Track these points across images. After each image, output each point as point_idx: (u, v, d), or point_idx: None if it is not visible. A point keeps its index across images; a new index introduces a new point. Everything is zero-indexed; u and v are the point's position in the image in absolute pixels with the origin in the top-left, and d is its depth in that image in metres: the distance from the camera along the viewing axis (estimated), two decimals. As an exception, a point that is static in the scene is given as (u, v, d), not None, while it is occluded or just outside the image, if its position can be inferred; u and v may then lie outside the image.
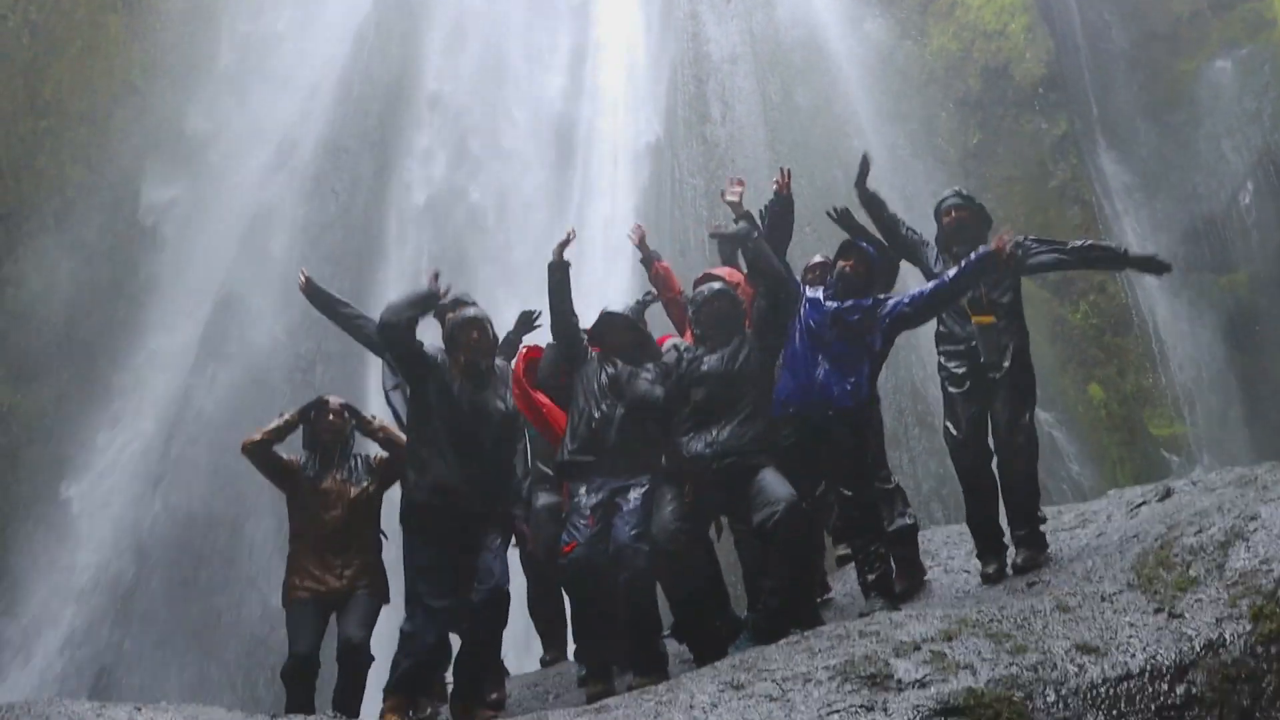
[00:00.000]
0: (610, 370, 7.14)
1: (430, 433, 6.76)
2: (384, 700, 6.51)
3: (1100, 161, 22.67)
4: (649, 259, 8.47)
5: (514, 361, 7.74)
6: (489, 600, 6.65)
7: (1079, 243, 7.60)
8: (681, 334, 7.77)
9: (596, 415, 6.99)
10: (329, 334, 17.70)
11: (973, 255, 6.89)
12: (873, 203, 7.90)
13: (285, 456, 7.28)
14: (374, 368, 18.46)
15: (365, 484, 7.25)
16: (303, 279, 8.23)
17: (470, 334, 6.99)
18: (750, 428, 6.68)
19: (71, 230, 19.62)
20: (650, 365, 7.18)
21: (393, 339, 6.84)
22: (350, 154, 19.69)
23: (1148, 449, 19.40)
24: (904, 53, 22.16)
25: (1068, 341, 20.12)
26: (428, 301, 6.95)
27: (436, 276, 7.02)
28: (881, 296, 7.25)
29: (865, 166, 7.98)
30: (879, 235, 7.82)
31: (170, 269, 19.67)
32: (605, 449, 6.92)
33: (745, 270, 7.81)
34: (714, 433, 6.64)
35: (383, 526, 7.36)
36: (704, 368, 6.86)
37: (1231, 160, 22.03)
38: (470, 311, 7.15)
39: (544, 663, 8.49)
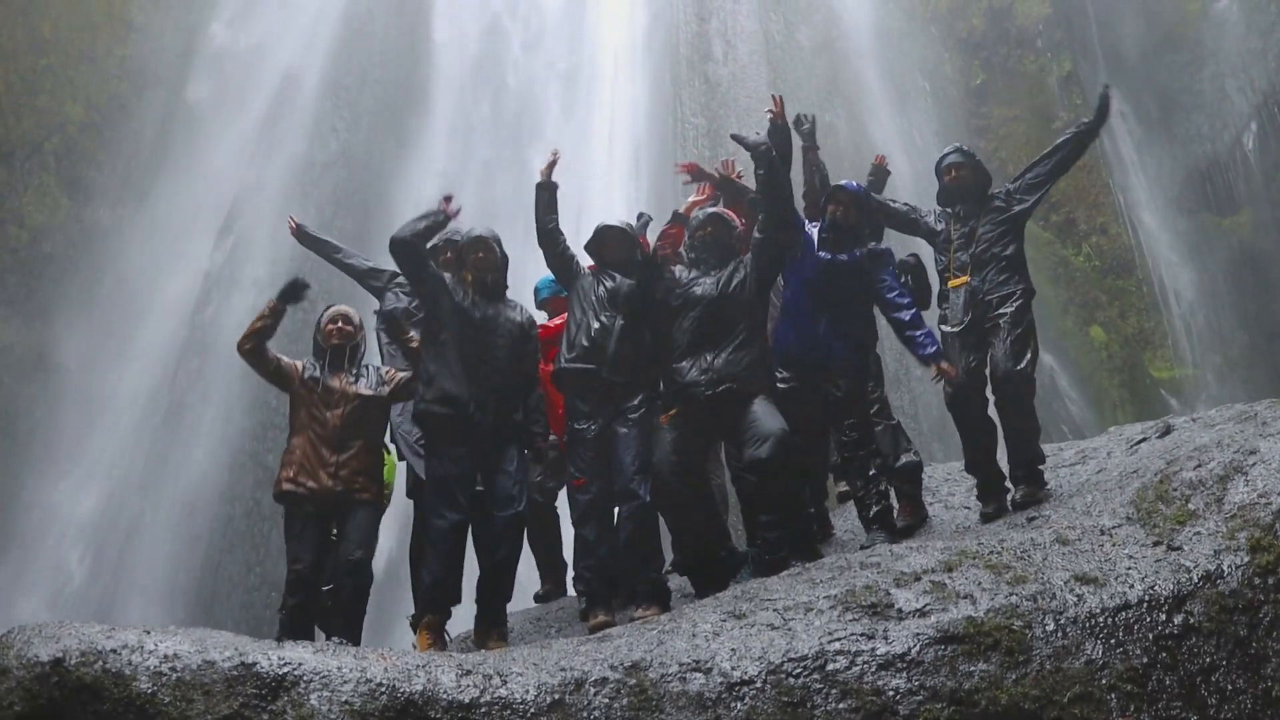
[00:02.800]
0: (609, 283, 7.15)
1: (439, 348, 6.79)
2: (416, 628, 6.67)
3: (1104, 102, 22.50)
4: (678, 219, 8.27)
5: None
6: (509, 525, 6.74)
7: (1057, 148, 7.64)
8: None
9: (595, 326, 6.98)
10: (330, 272, 17.73)
11: (926, 347, 6.92)
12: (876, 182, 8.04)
13: (285, 360, 7.03)
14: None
15: (376, 389, 7.02)
16: (292, 224, 8.18)
17: (475, 252, 7.03)
18: (745, 353, 6.62)
19: (72, 169, 19.57)
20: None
21: (403, 255, 6.78)
22: (350, 91, 19.57)
23: (1148, 391, 19.46)
24: (907, -9, 21.98)
25: (1070, 284, 20.13)
26: (437, 220, 6.89)
27: (449, 199, 6.98)
28: (874, 250, 7.26)
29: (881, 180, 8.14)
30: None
31: (171, 208, 19.62)
32: (605, 359, 6.95)
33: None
34: (708, 359, 6.59)
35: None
36: (697, 290, 6.80)
37: (1235, 101, 21.88)
38: (477, 230, 7.18)
39: (539, 597, 8.48)
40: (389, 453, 7.48)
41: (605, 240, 7.29)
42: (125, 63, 20.51)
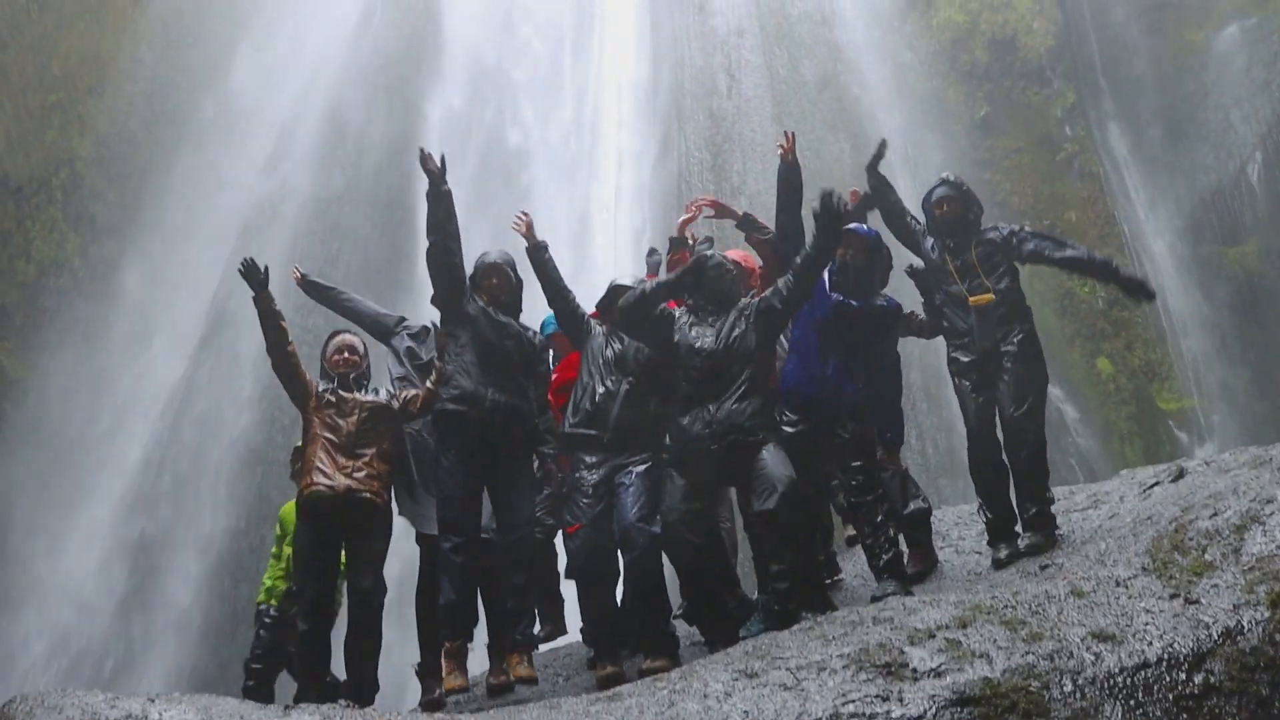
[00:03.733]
0: (617, 345, 7.11)
1: (459, 349, 6.91)
2: (442, 655, 6.79)
3: (1108, 133, 22.55)
4: (680, 241, 8.22)
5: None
6: (516, 544, 6.79)
7: (1074, 250, 7.51)
8: None
9: (600, 390, 6.95)
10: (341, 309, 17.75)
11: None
12: (881, 186, 7.82)
13: (309, 377, 7.07)
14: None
15: (387, 401, 7.06)
16: (296, 274, 8.14)
17: (490, 278, 7.08)
18: (749, 403, 6.50)
19: (79, 203, 19.65)
20: None
21: (440, 255, 6.96)
22: (355, 126, 19.65)
23: (1156, 423, 19.39)
24: (911, 24, 22.01)
25: (1076, 315, 20.08)
26: (437, 190, 7.00)
27: (428, 157, 7.05)
28: (890, 308, 7.21)
29: (881, 151, 7.88)
30: (884, 211, 7.78)
31: (176, 245, 19.69)
32: (607, 424, 6.92)
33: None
34: (711, 410, 6.51)
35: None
36: (698, 344, 6.70)
37: (1240, 131, 21.87)
38: (491, 256, 7.21)
39: (539, 639, 8.39)
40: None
41: (616, 299, 7.27)
42: (134, 99, 20.64)
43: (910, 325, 7.78)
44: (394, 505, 7.17)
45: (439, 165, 7.00)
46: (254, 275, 6.98)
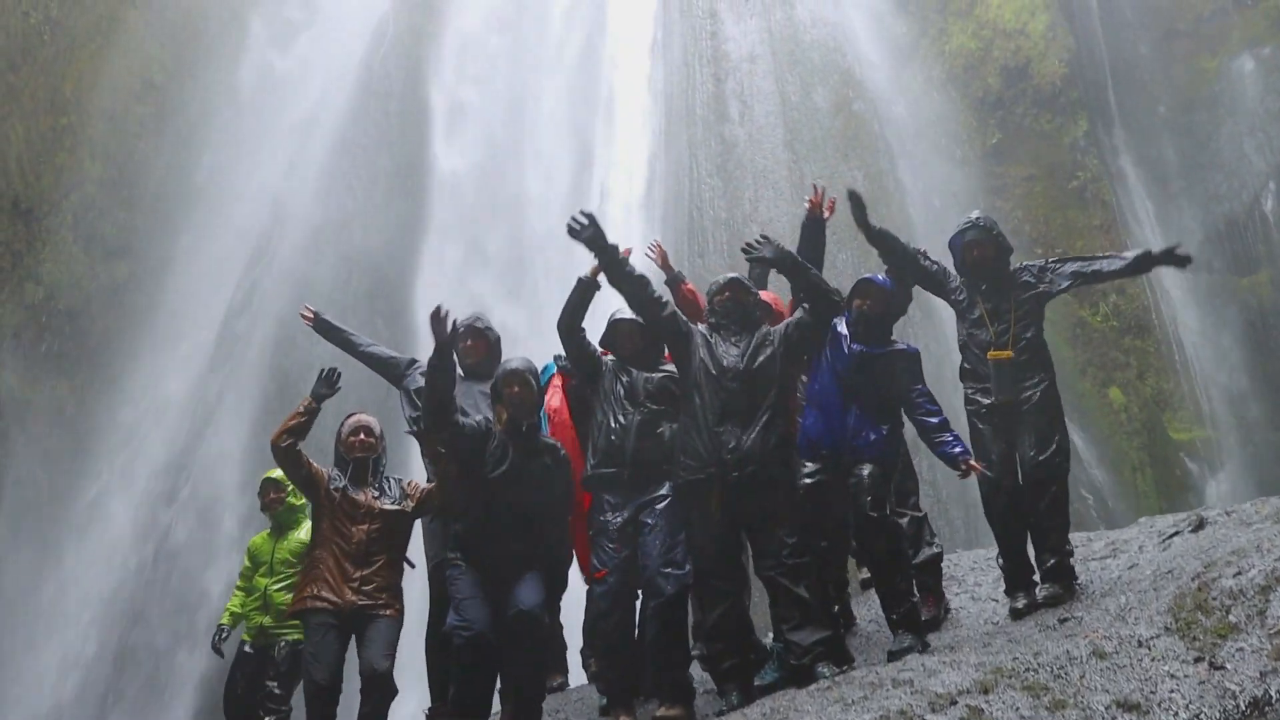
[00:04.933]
0: (625, 379, 7.05)
1: (474, 486, 6.74)
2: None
3: (1121, 161, 22.49)
4: (674, 279, 8.28)
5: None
6: (516, 627, 6.61)
7: (1107, 261, 7.41)
8: None
9: (614, 426, 6.89)
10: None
11: (954, 446, 6.79)
12: (884, 238, 7.63)
13: (315, 466, 7.01)
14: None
15: (399, 505, 7.00)
16: (309, 314, 8.10)
17: (511, 387, 6.88)
18: (772, 433, 6.44)
19: (90, 225, 19.64)
20: (666, 369, 7.07)
21: (439, 429, 6.74)
22: (367, 151, 19.64)
23: (1168, 454, 19.27)
24: (923, 51, 22.00)
25: (1088, 344, 19.99)
26: (445, 353, 6.71)
27: (441, 316, 6.74)
28: (906, 352, 7.14)
29: (859, 206, 7.61)
30: (893, 263, 7.64)
31: (188, 267, 19.69)
32: (625, 459, 6.85)
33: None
34: (735, 436, 6.43)
35: (409, 555, 7.25)
36: (724, 361, 6.60)
37: (1253, 160, 21.81)
38: (513, 363, 7.01)
39: (550, 689, 8.31)
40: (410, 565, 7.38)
41: (618, 333, 7.17)
42: (144, 121, 20.64)
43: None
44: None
45: (449, 330, 6.63)
46: (328, 386, 7.02)
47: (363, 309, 18.35)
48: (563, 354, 7.85)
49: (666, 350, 7.16)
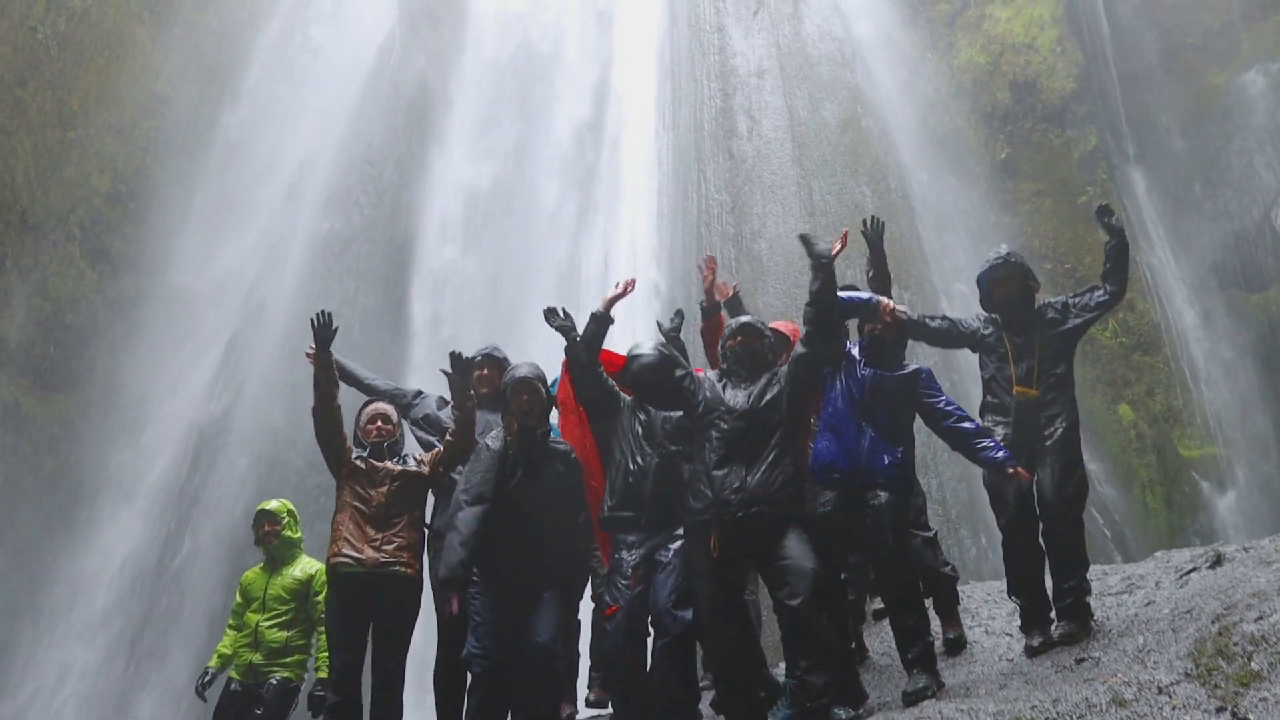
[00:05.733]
0: (643, 417, 6.99)
1: (490, 511, 6.71)
2: None
3: (1130, 177, 22.40)
4: (712, 309, 8.14)
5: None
6: (531, 661, 6.57)
7: (1107, 285, 7.40)
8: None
9: (632, 467, 6.84)
10: (353, 348, 17.70)
11: (989, 461, 6.72)
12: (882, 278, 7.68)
13: (345, 436, 7.11)
14: (396, 377, 18.56)
15: (416, 468, 7.17)
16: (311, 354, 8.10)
17: (521, 395, 6.88)
18: (778, 472, 6.29)
19: (96, 239, 19.63)
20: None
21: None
22: (374, 165, 19.61)
23: (1178, 471, 19.16)
24: (932, 66, 21.93)
25: (1097, 360, 19.89)
26: (463, 399, 6.98)
27: (457, 360, 6.98)
28: (924, 374, 7.08)
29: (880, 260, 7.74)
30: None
31: (194, 279, 19.67)
32: (643, 502, 6.80)
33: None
34: (741, 478, 6.34)
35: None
36: (728, 404, 6.55)
37: (1263, 176, 21.71)
38: (521, 371, 7.02)
39: None
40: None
41: (633, 371, 7.10)
42: (151, 134, 20.63)
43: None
44: (425, 573, 7.12)
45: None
46: (325, 330, 7.01)
47: (369, 323, 18.33)
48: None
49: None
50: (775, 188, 17.92)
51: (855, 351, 7.17)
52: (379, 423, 7.21)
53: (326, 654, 7.90)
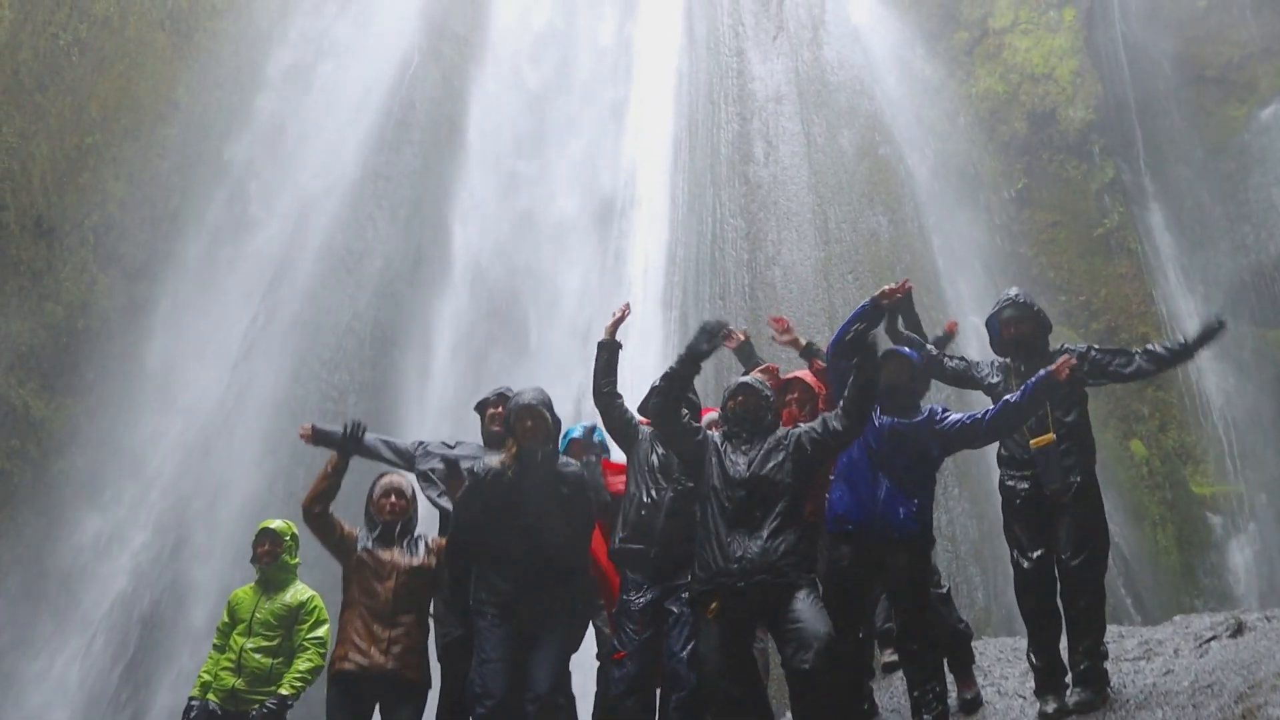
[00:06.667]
0: (660, 451, 6.94)
1: (483, 542, 6.66)
2: None
3: (1147, 209, 22.32)
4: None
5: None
6: (530, 707, 6.49)
7: (1146, 360, 7.27)
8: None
9: (646, 501, 6.80)
10: (363, 364, 17.69)
11: (1033, 380, 6.66)
12: (910, 345, 7.61)
13: (346, 526, 7.04)
14: (405, 398, 18.53)
15: (424, 559, 7.03)
16: (307, 432, 8.00)
17: (525, 420, 6.80)
18: (782, 539, 6.18)
19: (110, 245, 19.63)
20: None
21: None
22: (391, 182, 19.58)
23: (1190, 508, 19.05)
24: (950, 94, 21.87)
25: (1109, 396, 19.76)
26: (453, 473, 7.03)
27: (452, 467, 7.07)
28: (937, 409, 7.03)
29: (907, 307, 7.68)
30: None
31: (207, 289, 19.67)
32: (654, 537, 6.73)
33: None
34: (741, 545, 6.24)
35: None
36: (731, 472, 6.45)
37: (1282, 210, 21.66)
38: (526, 396, 6.95)
39: None
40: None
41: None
42: (168, 141, 20.64)
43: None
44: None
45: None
46: (355, 442, 7.11)
47: (380, 338, 18.29)
48: (585, 424, 7.80)
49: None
50: (791, 214, 17.84)
51: None
52: (393, 498, 7.12)
53: (300, 673, 7.87)
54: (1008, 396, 6.80)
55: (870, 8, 21.36)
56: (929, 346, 7.70)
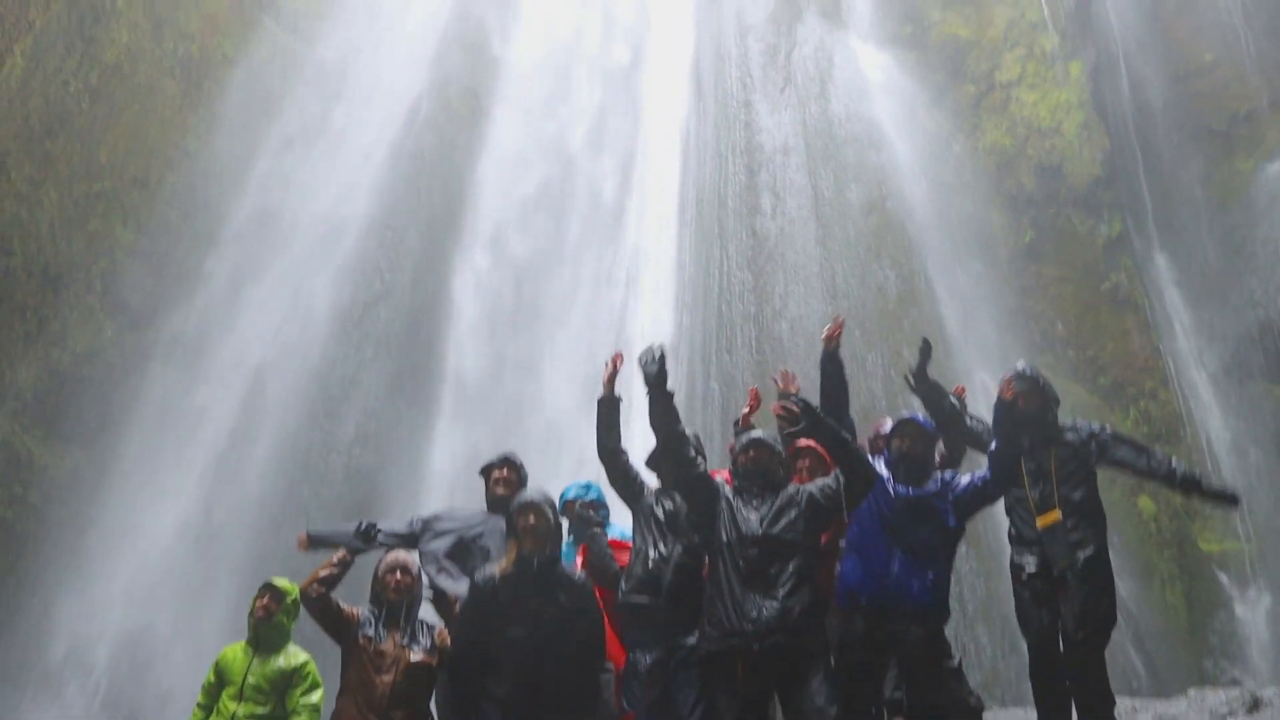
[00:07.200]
0: (668, 505, 6.87)
1: (482, 652, 6.52)
2: None
3: (1154, 263, 22.27)
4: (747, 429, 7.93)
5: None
6: None
7: (1158, 460, 7.24)
8: None
9: (653, 555, 6.71)
10: (367, 416, 17.64)
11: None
12: (933, 392, 7.56)
13: (345, 609, 6.85)
14: (409, 450, 18.46)
15: (425, 655, 6.76)
16: (303, 541, 7.88)
17: (526, 517, 6.65)
18: (796, 601, 6.13)
19: (117, 292, 19.65)
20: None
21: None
22: (396, 231, 19.62)
23: (1199, 566, 18.86)
24: (957, 148, 21.89)
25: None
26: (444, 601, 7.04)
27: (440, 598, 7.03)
28: (950, 475, 6.96)
29: (925, 356, 7.64)
30: (936, 418, 7.50)
31: (212, 337, 19.66)
32: (661, 592, 6.64)
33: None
34: (758, 606, 6.16)
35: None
36: (744, 528, 6.36)
37: (1289, 265, 21.57)
38: (528, 494, 6.82)
39: None
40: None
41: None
42: (176, 188, 20.72)
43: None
44: None
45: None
46: (366, 541, 7.18)
47: (386, 389, 18.25)
48: (580, 484, 7.75)
49: None
50: (798, 268, 17.85)
51: (881, 468, 7.03)
52: (398, 574, 6.94)
53: None
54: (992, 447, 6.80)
55: (878, 61, 21.45)
56: (952, 398, 7.65)
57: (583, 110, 21.66)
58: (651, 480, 7.27)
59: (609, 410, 7.07)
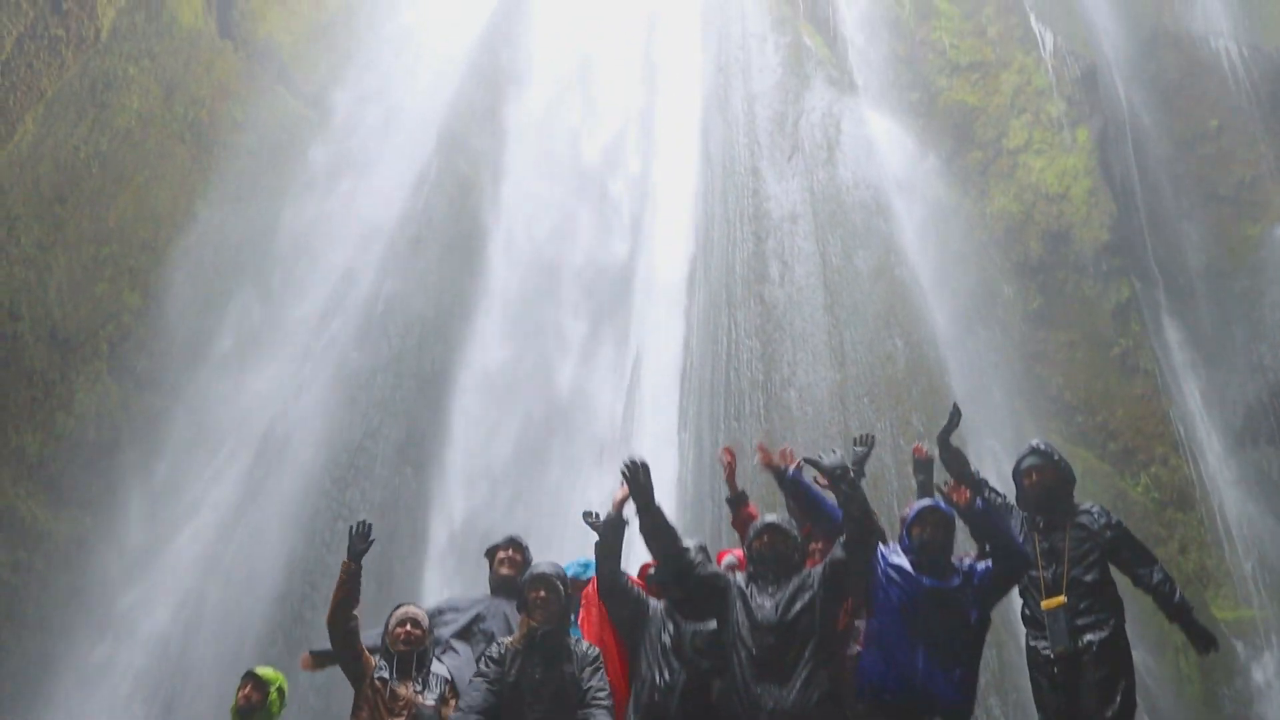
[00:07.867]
0: (672, 629, 6.73)
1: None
2: None
3: (1163, 329, 22.22)
4: (738, 499, 7.95)
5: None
6: None
7: (1159, 576, 7.20)
8: None
9: (659, 683, 6.57)
10: (374, 483, 17.56)
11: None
12: (955, 460, 7.51)
13: (367, 654, 6.94)
14: (417, 512, 18.35)
15: (436, 702, 6.81)
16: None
17: (537, 590, 6.65)
18: (815, 689, 6.03)
19: (124, 356, 19.65)
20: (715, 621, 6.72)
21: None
22: (403, 298, 19.65)
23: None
24: (965, 214, 21.93)
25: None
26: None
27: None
28: (969, 563, 6.86)
29: (954, 421, 7.60)
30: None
31: (219, 403, 19.64)
32: None
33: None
34: (774, 696, 6.04)
35: None
36: (759, 616, 6.28)
37: (1299, 329, 21.56)
38: (540, 568, 6.82)
39: None
40: None
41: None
42: (185, 253, 20.79)
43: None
44: None
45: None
46: (362, 542, 6.96)
47: (392, 457, 18.18)
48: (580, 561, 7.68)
49: None
50: (806, 335, 17.79)
51: (899, 558, 6.91)
52: (408, 626, 6.99)
53: None
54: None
55: (885, 127, 21.53)
56: (979, 477, 7.60)
57: (593, 170, 21.77)
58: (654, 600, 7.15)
59: (613, 534, 6.92)
